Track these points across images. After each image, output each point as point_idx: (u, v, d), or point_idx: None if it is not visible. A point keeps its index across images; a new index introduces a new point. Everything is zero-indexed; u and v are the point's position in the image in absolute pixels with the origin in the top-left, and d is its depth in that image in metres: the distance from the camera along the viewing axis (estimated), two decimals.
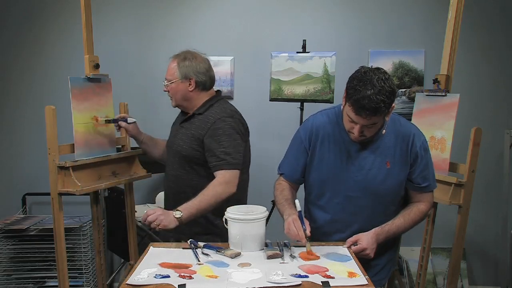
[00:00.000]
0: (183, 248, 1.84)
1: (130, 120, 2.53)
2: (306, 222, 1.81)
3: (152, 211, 2.05)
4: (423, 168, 1.91)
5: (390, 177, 1.89)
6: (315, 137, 1.97)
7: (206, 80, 2.31)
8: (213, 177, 2.17)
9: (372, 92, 1.68)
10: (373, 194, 1.91)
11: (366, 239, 1.83)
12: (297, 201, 1.84)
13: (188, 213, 2.03)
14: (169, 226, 2.01)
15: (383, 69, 1.78)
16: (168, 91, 2.34)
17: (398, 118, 1.96)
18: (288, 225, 1.81)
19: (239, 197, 2.23)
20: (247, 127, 2.36)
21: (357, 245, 1.83)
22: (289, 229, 1.80)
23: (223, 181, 2.13)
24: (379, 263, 1.97)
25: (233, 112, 2.29)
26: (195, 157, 2.23)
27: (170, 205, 2.29)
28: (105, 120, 2.57)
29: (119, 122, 2.54)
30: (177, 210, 2.04)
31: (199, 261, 1.70)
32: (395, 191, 1.94)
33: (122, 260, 3.56)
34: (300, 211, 1.82)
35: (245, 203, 2.28)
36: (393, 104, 1.78)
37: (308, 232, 1.78)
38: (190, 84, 2.28)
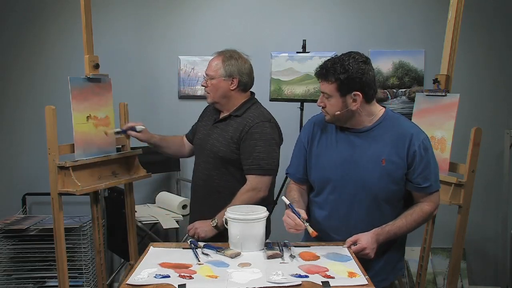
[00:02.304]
0: (183, 248, 1.84)
1: (139, 128, 2.45)
2: (301, 211, 1.83)
3: (190, 226, 2.26)
4: (423, 167, 1.88)
5: (385, 175, 1.88)
6: (313, 136, 2.01)
7: (247, 81, 2.34)
8: (245, 178, 2.24)
9: (330, 60, 1.88)
10: (367, 192, 1.90)
11: (366, 239, 1.82)
12: (283, 198, 1.89)
13: (221, 221, 2.09)
14: (208, 235, 2.18)
15: (361, 54, 1.88)
16: (206, 86, 2.32)
17: (398, 117, 1.96)
18: (285, 221, 1.83)
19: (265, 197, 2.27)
20: (281, 132, 2.38)
21: (356, 245, 1.83)
22: (286, 223, 1.82)
23: (250, 188, 2.20)
24: (379, 264, 1.97)
25: (271, 117, 2.33)
26: (233, 159, 2.24)
27: (198, 203, 2.38)
28: (115, 132, 2.55)
29: (128, 132, 2.48)
30: (213, 219, 2.19)
31: (199, 261, 1.70)
32: (390, 190, 1.91)
33: (122, 260, 3.57)
34: (289, 204, 1.85)
35: (271, 203, 2.33)
36: (357, 92, 1.84)
37: (303, 216, 1.80)
38: (232, 83, 2.29)
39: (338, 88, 1.85)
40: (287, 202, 1.85)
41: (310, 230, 1.78)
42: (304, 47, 3.17)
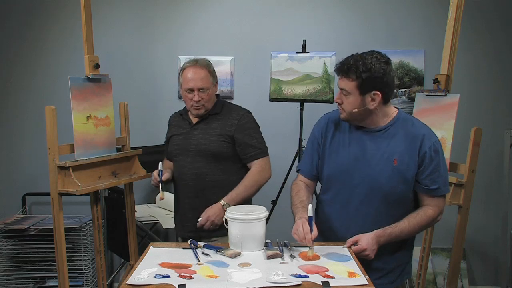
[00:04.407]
0: (183, 248, 1.84)
1: (160, 167, 2.33)
2: (315, 228, 1.80)
3: (204, 219, 2.25)
4: (432, 170, 1.87)
5: (396, 175, 1.87)
6: (326, 132, 2.02)
7: None
8: (236, 171, 2.38)
9: (352, 57, 1.86)
10: (377, 191, 1.89)
11: (366, 240, 1.82)
12: (310, 206, 1.82)
13: (234, 203, 2.23)
14: (221, 221, 2.18)
15: (383, 54, 1.87)
16: (201, 100, 2.33)
17: (411, 119, 1.97)
18: (296, 226, 1.81)
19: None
20: None
21: (357, 245, 1.82)
22: (296, 230, 1.80)
23: (261, 169, 2.36)
24: (384, 267, 1.94)
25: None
26: (225, 152, 2.35)
27: (188, 201, 2.37)
28: (163, 191, 2.35)
29: (162, 179, 2.34)
30: (225, 203, 2.25)
31: (199, 261, 1.70)
32: (400, 190, 1.90)
33: (122, 260, 3.57)
34: (310, 217, 1.80)
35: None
36: (376, 92, 1.83)
37: (314, 234, 1.77)
38: (215, 87, 2.41)
39: (359, 86, 1.83)
40: (310, 214, 1.80)
41: (311, 253, 1.75)
42: (304, 47, 3.17)
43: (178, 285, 1.47)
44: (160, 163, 2.34)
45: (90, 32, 2.62)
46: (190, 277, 1.54)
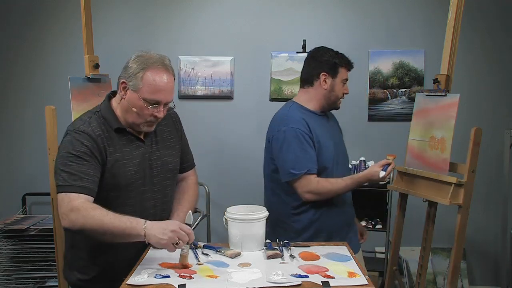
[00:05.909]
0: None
1: (191, 220, 1.72)
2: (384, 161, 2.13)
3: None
4: None
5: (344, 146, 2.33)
6: (310, 129, 2.14)
7: None
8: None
9: (339, 53, 2.23)
10: (347, 164, 2.39)
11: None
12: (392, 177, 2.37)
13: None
14: None
15: None
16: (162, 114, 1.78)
17: None
18: (384, 177, 2.11)
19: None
20: None
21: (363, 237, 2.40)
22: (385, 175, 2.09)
23: (197, 179, 2.04)
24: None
25: None
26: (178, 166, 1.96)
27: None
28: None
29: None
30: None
31: (199, 261, 1.70)
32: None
33: None
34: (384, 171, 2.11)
35: None
36: None
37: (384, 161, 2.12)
38: None
39: None
40: (383, 174, 2.10)
41: (389, 157, 2.13)
42: (304, 47, 3.17)
43: (178, 285, 1.47)
44: (190, 212, 1.72)
45: (90, 32, 2.62)
46: (190, 277, 1.55)
